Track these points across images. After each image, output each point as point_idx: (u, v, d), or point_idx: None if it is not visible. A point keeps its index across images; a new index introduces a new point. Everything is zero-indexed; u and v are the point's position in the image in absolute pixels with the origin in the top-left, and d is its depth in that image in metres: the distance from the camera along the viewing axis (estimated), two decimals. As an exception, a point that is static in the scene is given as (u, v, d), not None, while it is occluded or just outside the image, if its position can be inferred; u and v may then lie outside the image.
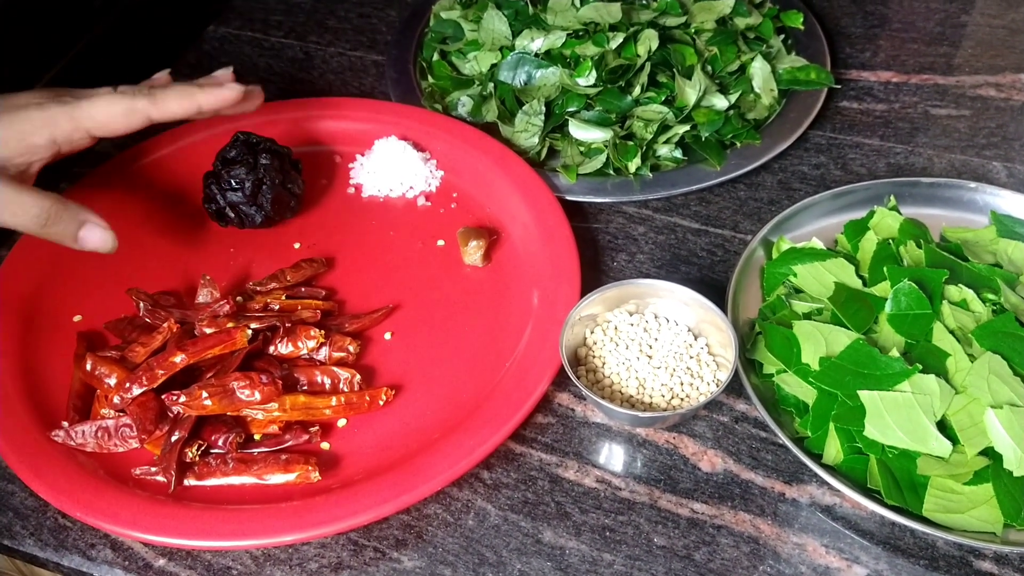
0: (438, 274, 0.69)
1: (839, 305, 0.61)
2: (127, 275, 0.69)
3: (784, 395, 0.59)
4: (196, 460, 0.56)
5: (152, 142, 0.78)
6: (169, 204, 0.75)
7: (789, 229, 0.69)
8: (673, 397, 0.59)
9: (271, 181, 0.69)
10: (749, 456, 0.58)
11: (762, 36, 0.84)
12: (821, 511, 0.55)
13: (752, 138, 0.76)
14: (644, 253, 0.71)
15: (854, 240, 0.67)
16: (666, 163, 0.76)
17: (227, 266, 0.70)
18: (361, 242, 0.72)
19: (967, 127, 0.79)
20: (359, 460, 0.58)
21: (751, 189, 0.75)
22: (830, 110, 0.82)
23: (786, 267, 0.65)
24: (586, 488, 0.57)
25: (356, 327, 0.64)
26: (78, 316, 0.66)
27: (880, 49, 0.88)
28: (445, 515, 0.56)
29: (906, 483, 0.54)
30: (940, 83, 0.84)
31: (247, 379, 0.57)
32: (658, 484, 0.57)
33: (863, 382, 0.56)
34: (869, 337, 0.60)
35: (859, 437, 0.55)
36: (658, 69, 0.79)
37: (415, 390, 0.61)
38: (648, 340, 0.62)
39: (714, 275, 0.69)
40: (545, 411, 0.61)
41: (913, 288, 0.60)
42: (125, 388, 0.57)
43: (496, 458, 0.58)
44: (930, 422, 0.55)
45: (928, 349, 0.59)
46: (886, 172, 0.76)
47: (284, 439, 0.58)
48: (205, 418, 0.57)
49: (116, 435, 0.57)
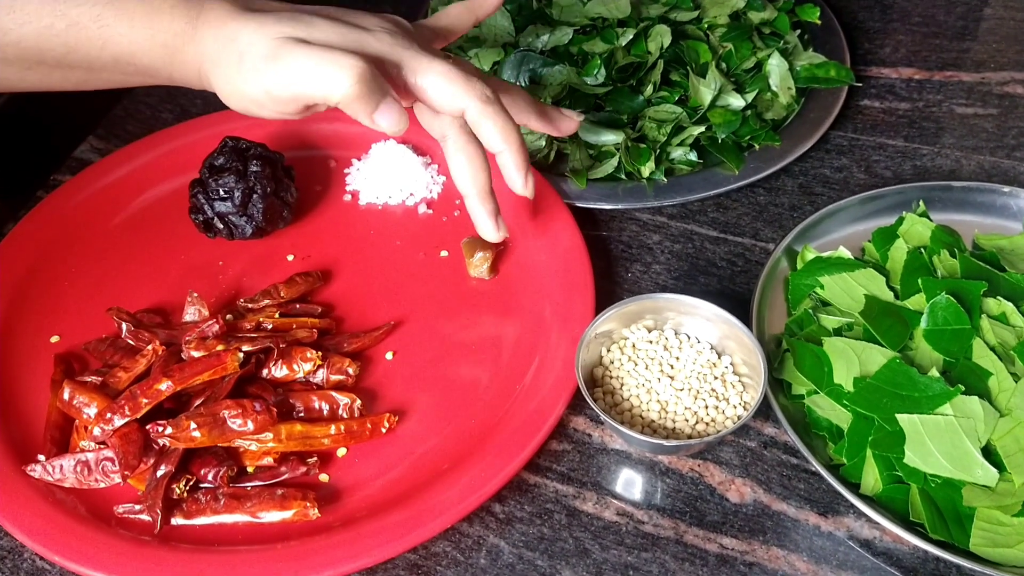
0: (442, 288, 0.65)
1: (871, 320, 0.58)
2: (108, 291, 0.64)
3: (816, 418, 0.55)
4: (184, 497, 0.52)
5: (135, 147, 0.74)
6: (153, 214, 0.71)
7: (813, 237, 0.65)
8: (698, 422, 0.55)
9: (262, 189, 0.65)
10: (780, 485, 0.54)
11: (778, 31, 0.80)
12: (860, 546, 0.51)
13: (771, 139, 0.72)
14: (660, 263, 0.67)
15: (883, 249, 0.64)
16: (680, 167, 0.72)
17: (216, 281, 0.65)
18: (359, 254, 0.67)
19: (995, 127, 0.75)
20: (361, 493, 0.53)
21: (771, 194, 0.71)
22: (851, 109, 0.78)
23: (812, 278, 0.62)
24: (606, 522, 0.53)
25: (355, 347, 0.60)
26: (55, 336, 0.62)
27: (900, 44, 0.84)
28: (455, 553, 0.52)
29: (951, 515, 0.50)
30: (965, 80, 0.80)
31: (239, 407, 0.52)
32: (683, 517, 0.53)
33: (902, 405, 0.53)
34: (905, 355, 0.56)
35: (899, 465, 0.51)
36: (670, 67, 0.75)
37: (420, 416, 0.57)
38: (669, 359, 0.58)
39: (735, 286, 0.65)
40: (560, 437, 0.57)
41: (951, 302, 0.57)
42: (106, 419, 0.52)
43: (509, 489, 0.54)
44: (975, 448, 0.51)
45: (968, 368, 0.55)
46: (912, 175, 0.72)
47: (280, 471, 0.53)
48: (193, 450, 0.53)
49: (97, 470, 0.53)
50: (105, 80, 0.54)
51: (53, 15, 0.49)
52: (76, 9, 0.49)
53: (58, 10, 0.49)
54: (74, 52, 0.51)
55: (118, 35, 0.50)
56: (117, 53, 0.51)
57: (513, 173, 0.55)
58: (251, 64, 0.49)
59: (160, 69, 0.52)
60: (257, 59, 0.49)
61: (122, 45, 0.50)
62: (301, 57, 0.48)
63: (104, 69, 0.52)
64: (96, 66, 0.52)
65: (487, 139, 0.54)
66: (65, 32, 0.50)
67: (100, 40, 0.50)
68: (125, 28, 0.50)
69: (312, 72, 0.48)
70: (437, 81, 0.52)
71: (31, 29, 0.50)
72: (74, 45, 0.50)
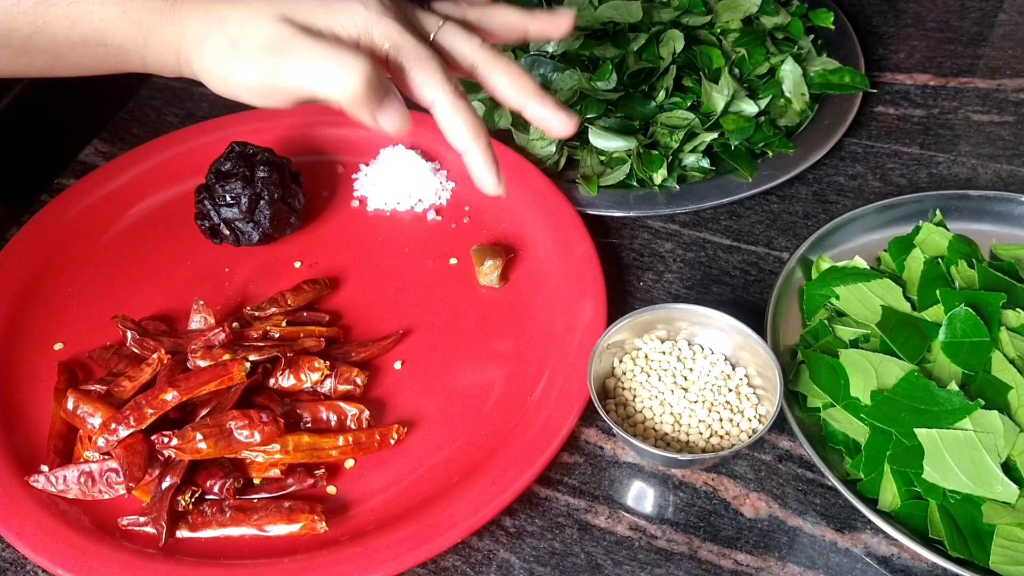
0: (451, 296, 0.64)
1: (888, 332, 0.57)
2: (113, 298, 0.64)
3: (832, 432, 0.54)
4: (189, 509, 0.51)
5: (140, 151, 0.73)
6: (158, 220, 0.70)
7: (828, 246, 0.64)
8: (712, 435, 0.54)
9: (269, 195, 0.64)
10: (796, 500, 0.53)
11: (791, 36, 0.79)
12: (878, 562, 0.50)
13: (785, 146, 0.71)
14: (672, 272, 0.66)
15: (899, 258, 0.63)
16: (693, 174, 0.71)
17: (222, 288, 0.65)
18: (367, 261, 0.66)
19: (1012, 134, 0.74)
20: (369, 506, 0.53)
21: (784, 202, 0.70)
22: (865, 115, 0.77)
23: (827, 288, 0.61)
24: (619, 537, 0.52)
25: (363, 356, 0.59)
26: (59, 344, 0.61)
27: (915, 50, 0.83)
28: (465, 568, 0.51)
29: (970, 532, 0.49)
30: (981, 87, 0.79)
31: (245, 418, 0.52)
32: (697, 532, 0.52)
33: (920, 419, 0.52)
34: (923, 368, 0.55)
35: (917, 480, 0.51)
36: (683, 72, 0.74)
37: (429, 427, 0.56)
38: (682, 371, 0.57)
39: (748, 296, 0.64)
40: (571, 449, 0.56)
41: (970, 313, 0.56)
42: (111, 429, 0.52)
43: (519, 503, 0.53)
44: (995, 464, 0.50)
45: (988, 381, 0.54)
46: (928, 183, 0.71)
47: (287, 483, 0.53)
48: (199, 462, 0.52)
49: (101, 481, 0.52)
50: (72, 65, 0.51)
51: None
52: None
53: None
54: (41, 32, 0.48)
55: (88, 12, 0.48)
56: (86, 32, 0.48)
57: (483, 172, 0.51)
58: (247, 52, 0.47)
59: (132, 51, 0.49)
60: (255, 47, 0.47)
61: (92, 23, 0.48)
62: (305, 54, 0.46)
63: (72, 51, 0.49)
64: (64, 48, 0.49)
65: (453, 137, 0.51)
66: (32, 9, 0.47)
67: (69, 18, 0.48)
68: (96, 5, 0.48)
69: (316, 71, 0.46)
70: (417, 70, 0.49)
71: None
72: (42, 24, 0.48)
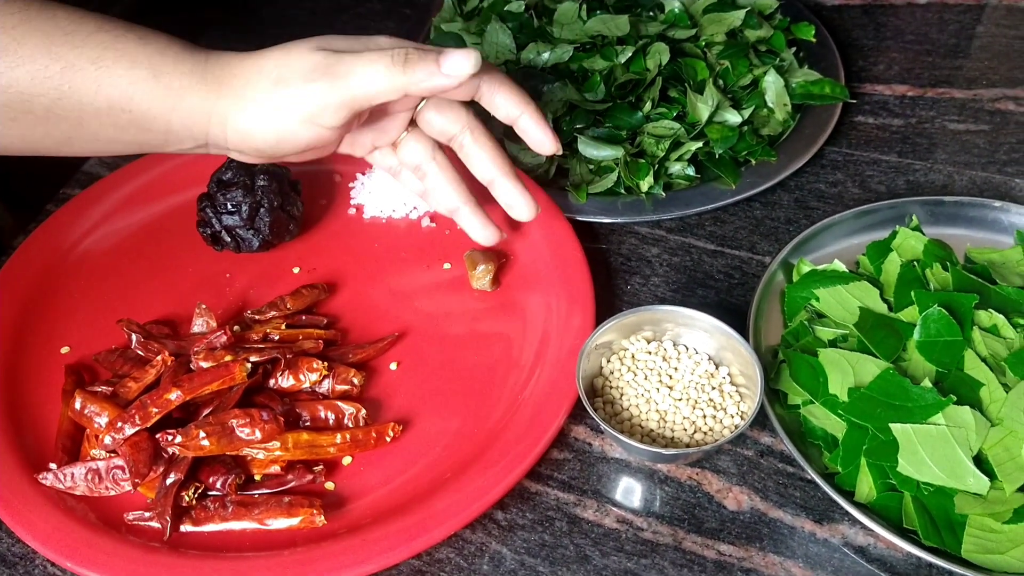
0: (445, 299, 0.66)
1: (865, 332, 0.59)
2: (118, 303, 0.66)
3: (811, 427, 0.56)
4: (193, 504, 0.53)
5: (144, 161, 0.75)
6: (161, 228, 0.72)
7: (809, 250, 0.66)
8: (696, 431, 0.56)
9: (269, 203, 0.66)
10: (776, 493, 0.55)
11: (774, 49, 0.82)
12: (854, 552, 0.52)
13: (767, 155, 0.73)
14: (659, 276, 0.68)
15: (877, 262, 0.65)
16: (679, 181, 0.73)
17: (223, 293, 0.67)
18: (364, 266, 0.69)
19: (987, 143, 0.77)
20: (366, 501, 0.54)
21: (767, 208, 0.73)
22: (845, 125, 0.79)
23: (808, 291, 0.63)
24: (606, 529, 0.54)
25: (360, 357, 0.61)
26: (66, 347, 0.63)
27: (894, 62, 0.86)
28: (458, 559, 0.53)
29: (943, 522, 0.51)
30: (957, 97, 0.81)
31: (247, 416, 0.54)
32: (682, 524, 0.54)
33: (895, 414, 0.54)
34: (898, 366, 0.57)
35: (892, 473, 0.53)
36: (669, 84, 0.76)
37: (424, 425, 0.58)
38: (668, 370, 0.59)
39: (732, 299, 0.66)
40: (561, 446, 0.58)
41: (943, 314, 0.58)
42: (117, 427, 0.53)
43: (511, 497, 0.55)
44: (966, 457, 0.52)
45: (960, 378, 0.56)
46: (906, 190, 0.73)
47: (287, 479, 0.54)
48: (202, 459, 0.54)
49: (107, 478, 0.54)
50: (92, 135, 0.50)
51: (49, 56, 0.47)
52: (74, 51, 0.47)
53: (54, 52, 0.47)
54: (66, 98, 0.48)
55: (116, 76, 0.48)
56: (113, 96, 0.48)
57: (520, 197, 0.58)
58: (294, 82, 0.49)
59: (158, 116, 0.50)
60: (301, 75, 0.49)
61: (120, 87, 0.48)
62: (351, 61, 0.49)
63: (95, 118, 0.49)
64: (87, 114, 0.49)
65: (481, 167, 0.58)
66: (60, 75, 0.47)
67: (96, 82, 0.48)
68: (124, 69, 0.48)
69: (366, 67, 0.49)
70: None
71: (23, 72, 0.47)
72: (67, 90, 0.47)
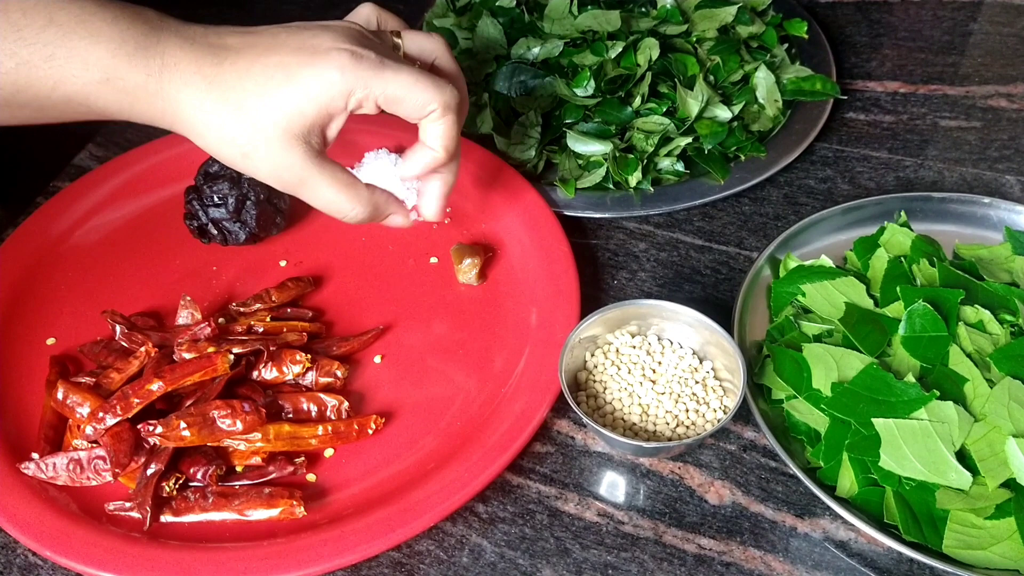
0: (431, 293, 0.66)
1: (850, 327, 0.59)
2: (103, 295, 0.66)
3: (794, 422, 0.56)
4: (173, 494, 0.53)
5: (131, 154, 0.75)
6: (149, 220, 0.72)
7: (796, 246, 0.66)
8: (678, 425, 0.56)
9: (256, 196, 0.66)
10: (758, 487, 0.55)
11: (765, 45, 0.81)
12: (835, 547, 0.52)
13: (757, 151, 0.73)
14: (646, 271, 0.68)
15: (864, 258, 0.65)
16: (667, 177, 0.73)
17: (209, 285, 0.67)
18: (350, 260, 0.69)
19: (978, 139, 0.77)
20: (347, 493, 0.54)
21: (756, 204, 0.73)
22: (836, 121, 0.79)
23: (794, 286, 0.63)
24: (587, 522, 0.54)
25: (344, 350, 0.61)
26: (51, 339, 0.63)
27: (886, 59, 0.85)
28: (438, 552, 0.53)
29: (925, 517, 0.51)
30: (949, 94, 0.81)
31: (228, 408, 0.54)
32: (663, 518, 0.54)
33: (878, 409, 0.54)
34: (883, 361, 0.57)
35: (874, 468, 0.52)
36: (659, 79, 0.76)
37: (406, 417, 0.58)
38: (651, 364, 0.59)
39: (718, 294, 0.66)
40: (543, 439, 0.58)
41: (928, 309, 0.58)
42: (98, 418, 0.54)
43: (492, 490, 0.55)
44: (949, 452, 0.52)
45: (945, 374, 0.56)
46: (895, 186, 0.73)
47: (268, 471, 0.54)
48: (183, 449, 0.54)
49: (89, 468, 0.54)
50: (56, 117, 0.51)
51: (2, 53, 0.46)
52: (27, 49, 0.46)
53: (7, 48, 0.46)
54: (23, 92, 0.48)
55: (71, 76, 0.47)
56: (69, 93, 0.48)
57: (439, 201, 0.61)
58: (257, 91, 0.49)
59: (115, 113, 0.50)
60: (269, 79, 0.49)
61: (75, 86, 0.48)
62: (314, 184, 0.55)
63: (55, 108, 0.49)
64: (47, 105, 0.49)
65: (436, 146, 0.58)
66: (15, 71, 0.47)
67: (51, 80, 0.47)
68: (77, 70, 0.47)
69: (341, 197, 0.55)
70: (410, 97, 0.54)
71: None
72: (23, 85, 0.47)
